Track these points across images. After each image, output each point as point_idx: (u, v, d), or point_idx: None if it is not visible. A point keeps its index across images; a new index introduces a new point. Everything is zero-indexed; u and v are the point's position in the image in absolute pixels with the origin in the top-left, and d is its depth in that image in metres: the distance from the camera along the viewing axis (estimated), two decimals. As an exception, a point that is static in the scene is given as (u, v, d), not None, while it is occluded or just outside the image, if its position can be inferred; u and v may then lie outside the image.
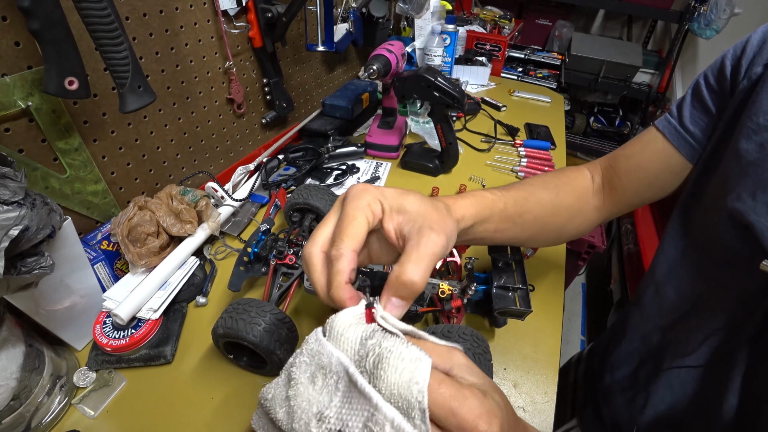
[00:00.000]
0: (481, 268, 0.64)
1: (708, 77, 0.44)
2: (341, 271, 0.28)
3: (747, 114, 0.38)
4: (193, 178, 0.78)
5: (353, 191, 0.31)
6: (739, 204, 0.36)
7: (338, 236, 0.29)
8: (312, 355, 0.28)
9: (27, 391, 0.44)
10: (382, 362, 0.25)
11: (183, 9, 0.66)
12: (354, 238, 0.29)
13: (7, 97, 0.46)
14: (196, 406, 0.49)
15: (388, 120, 1.01)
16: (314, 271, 0.31)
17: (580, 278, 2.00)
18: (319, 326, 0.29)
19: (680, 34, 1.88)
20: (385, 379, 0.24)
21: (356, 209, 0.30)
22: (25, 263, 0.39)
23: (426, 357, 0.25)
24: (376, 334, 0.27)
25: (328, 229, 0.31)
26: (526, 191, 0.46)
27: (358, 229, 0.29)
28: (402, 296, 0.28)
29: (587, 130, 2.35)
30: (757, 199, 0.35)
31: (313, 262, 0.31)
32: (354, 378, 0.25)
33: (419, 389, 0.23)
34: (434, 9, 1.31)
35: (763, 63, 0.39)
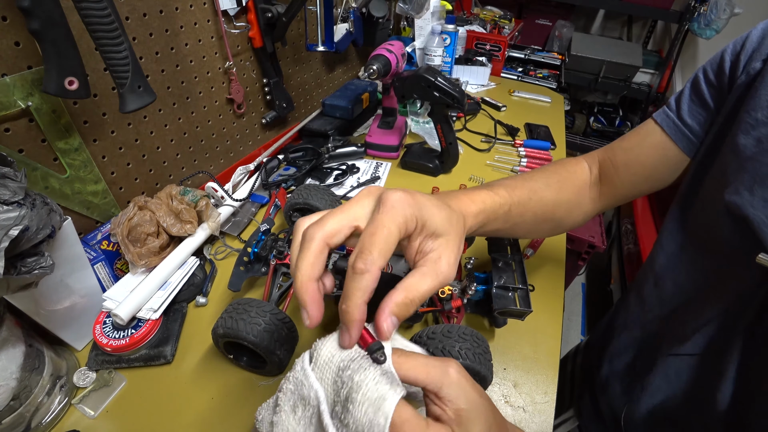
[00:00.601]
0: (481, 268, 0.64)
1: (707, 72, 0.45)
2: (364, 289, 0.26)
3: (745, 109, 0.38)
4: (193, 178, 0.79)
5: (394, 199, 0.28)
6: (737, 198, 0.37)
7: (369, 247, 0.26)
8: (296, 384, 0.28)
9: (27, 391, 0.44)
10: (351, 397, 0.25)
11: (183, 9, 0.66)
12: (384, 255, 0.27)
13: (7, 97, 0.46)
14: (196, 406, 0.49)
15: (388, 120, 1.01)
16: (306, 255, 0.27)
17: (580, 278, 2.00)
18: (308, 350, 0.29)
19: (680, 34, 1.87)
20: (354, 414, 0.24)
21: (393, 222, 0.27)
22: (25, 263, 0.39)
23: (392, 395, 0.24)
24: (352, 365, 0.26)
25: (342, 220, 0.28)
26: (530, 190, 0.46)
27: (389, 246, 0.27)
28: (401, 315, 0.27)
29: (587, 130, 2.35)
30: (754, 194, 0.36)
31: (309, 247, 0.28)
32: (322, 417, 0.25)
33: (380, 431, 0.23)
34: (434, 9, 1.31)
35: (762, 58, 0.39)
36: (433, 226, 0.29)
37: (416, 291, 0.27)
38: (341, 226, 0.28)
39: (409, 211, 0.28)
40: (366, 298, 0.26)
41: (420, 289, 0.28)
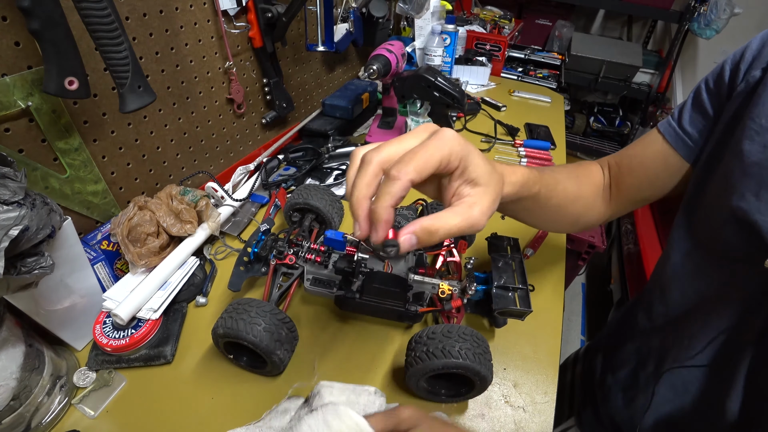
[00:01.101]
0: (481, 268, 0.64)
1: (708, 81, 0.46)
2: (393, 194, 0.28)
3: (750, 116, 0.39)
4: (193, 178, 0.79)
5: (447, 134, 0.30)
6: (743, 203, 0.37)
7: (407, 160, 0.28)
8: None
9: (27, 391, 0.44)
10: None
11: (183, 9, 0.66)
12: (419, 171, 0.28)
13: (7, 97, 0.46)
14: (196, 406, 0.49)
15: (388, 120, 1.01)
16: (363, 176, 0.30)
17: (580, 278, 2.00)
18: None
19: (680, 34, 1.87)
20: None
21: (437, 150, 0.29)
22: (25, 263, 0.39)
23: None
24: None
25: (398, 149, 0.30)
26: (555, 178, 0.47)
27: (426, 167, 0.29)
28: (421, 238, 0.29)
29: (587, 130, 2.35)
30: (761, 199, 0.36)
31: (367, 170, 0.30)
32: None
33: None
34: (434, 9, 1.31)
35: (762, 66, 0.40)
36: (474, 173, 0.31)
37: (444, 222, 0.29)
38: (396, 153, 0.30)
39: (457, 148, 0.30)
40: (393, 202, 0.29)
41: (448, 222, 0.29)
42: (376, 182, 0.30)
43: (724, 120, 0.43)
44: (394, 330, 0.59)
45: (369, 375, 0.54)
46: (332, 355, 0.56)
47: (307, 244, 0.58)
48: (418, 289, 0.55)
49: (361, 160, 0.31)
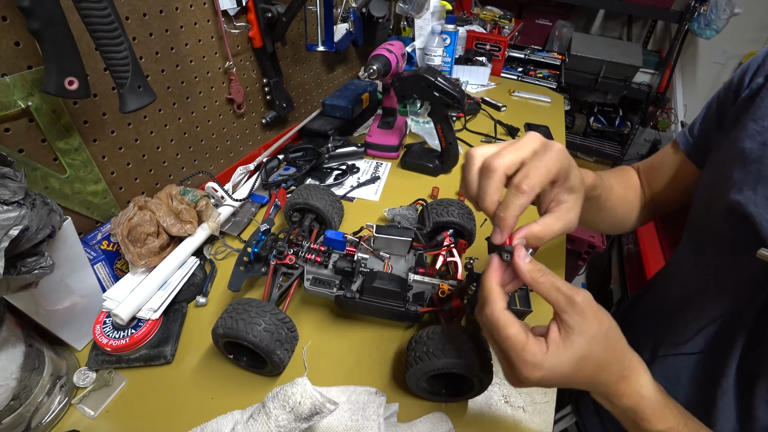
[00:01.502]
0: (481, 268, 0.64)
1: (720, 92, 0.50)
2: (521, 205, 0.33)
3: (752, 118, 0.41)
4: (193, 178, 0.79)
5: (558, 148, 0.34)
6: (740, 197, 0.39)
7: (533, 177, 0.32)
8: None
9: (27, 391, 0.44)
10: None
11: (183, 9, 0.66)
12: (541, 185, 0.33)
13: (7, 97, 0.46)
14: (196, 406, 0.49)
15: (388, 120, 1.01)
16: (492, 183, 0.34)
17: (580, 278, 2.00)
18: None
19: (680, 34, 1.88)
20: None
21: (554, 165, 0.33)
22: (25, 263, 0.39)
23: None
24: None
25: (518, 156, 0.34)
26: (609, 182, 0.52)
27: (546, 181, 0.33)
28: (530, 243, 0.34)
29: (587, 130, 2.35)
30: (757, 193, 0.38)
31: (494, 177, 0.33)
32: None
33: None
34: (434, 9, 1.31)
35: (765, 74, 0.43)
36: (572, 182, 0.35)
37: (549, 228, 0.34)
38: (515, 161, 0.34)
39: (566, 162, 0.34)
40: (519, 212, 0.33)
41: (553, 227, 0.34)
42: (502, 188, 0.34)
43: (728, 123, 0.46)
44: (394, 330, 0.59)
45: (369, 375, 0.54)
46: (332, 355, 0.56)
47: (307, 244, 0.58)
48: (418, 289, 0.55)
49: (483, 164, 0.34)
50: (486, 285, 0.34)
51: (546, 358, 0.31)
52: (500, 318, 0.32)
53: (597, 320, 0.32)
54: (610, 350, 0.33)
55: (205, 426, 0.45)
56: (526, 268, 0.33)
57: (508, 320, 0.32)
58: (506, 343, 0.32)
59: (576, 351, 0.31)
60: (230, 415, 0.45)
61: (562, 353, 0.31)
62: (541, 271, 0.33)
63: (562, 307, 0.32)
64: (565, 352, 0.31)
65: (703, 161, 0.51)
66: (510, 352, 0.32)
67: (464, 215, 0.66)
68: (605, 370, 0.33)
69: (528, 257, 0.34)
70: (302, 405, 0.38)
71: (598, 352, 0.32)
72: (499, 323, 0.32)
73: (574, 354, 0.31)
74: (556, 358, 0.31)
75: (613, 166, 2.34)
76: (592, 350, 0.32)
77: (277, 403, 0.39)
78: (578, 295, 0.32)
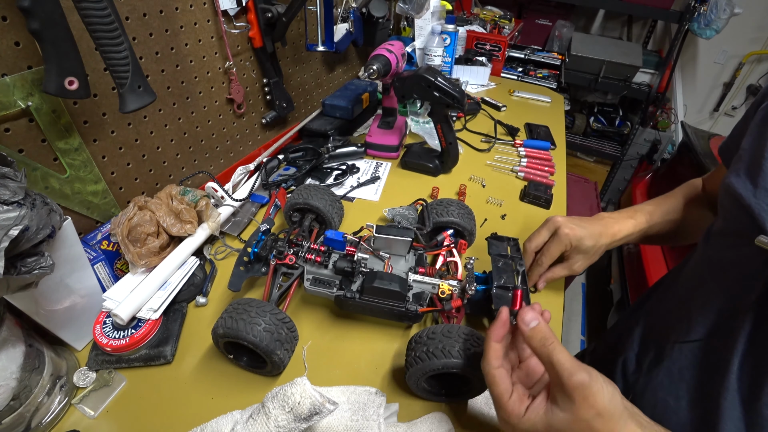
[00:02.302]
0: (481, 268, 0.64)
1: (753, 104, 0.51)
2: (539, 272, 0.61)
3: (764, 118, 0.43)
4: (193, 178, 0.79)
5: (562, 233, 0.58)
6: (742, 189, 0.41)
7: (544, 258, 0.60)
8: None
9: (27, 391, 0.44)
10: None
11: (183, 9, 0.66)
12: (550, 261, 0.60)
13: (7, 97, 0.46)
14: (196, 406, 0.49)
15: (388, 120, 1.01)
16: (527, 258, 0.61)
17: (580, 278, 2.00)
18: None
19: (680, 34, 1.87)
20: None
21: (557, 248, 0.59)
22: (25, 263, 0.39)
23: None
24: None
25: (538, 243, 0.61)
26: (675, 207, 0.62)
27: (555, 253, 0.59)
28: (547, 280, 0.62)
29: (587, 130, 2.35)
30: (757, 185, 0.40)
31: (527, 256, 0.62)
32: None
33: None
34: (434, 9, 1.31)
35: None
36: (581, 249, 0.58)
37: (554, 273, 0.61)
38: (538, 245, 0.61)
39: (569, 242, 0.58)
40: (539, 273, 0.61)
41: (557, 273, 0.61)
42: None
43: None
44: (394, 330, 0.59)
45: (369, 375, 0.54)
46: (332, 355, 0.56)
47: (307, 244, 0.58)
48: (418, 289, 0.55)
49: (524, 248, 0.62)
50: (486, 341, 0.39)
51: (520, 421, 0.35)
52: (489, 375, 0.37)
53: (586, 405, 0.32)
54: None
55: (205, 426, 0.45)
56: (527, 334, 0.36)
57: (495, 380, 0.37)
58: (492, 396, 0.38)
59: (553, 424, 0.33)
60: (230, 415, 0.45)
61: (539, 421, 0.34)
62: (542, 342, 0.35)
63: (554, 382, 0.34)
64: (542, 419, 0.34)
65: None
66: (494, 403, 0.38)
67: (464, 215, 0.66)
68: None
69: (535, 321, 0.36)
70: (302, 405, 0.38)
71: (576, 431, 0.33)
72: (489, 380, 0.37)
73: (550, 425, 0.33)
74: (531, 423, 0.34)
75: (613, 166, 2.34)
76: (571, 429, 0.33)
77: (276, 403, 0.39)
78: (570, 379, 0.32)
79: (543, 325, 0.36)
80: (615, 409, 0.32)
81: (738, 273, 0.43)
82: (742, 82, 2.17)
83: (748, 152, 0.43)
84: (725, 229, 0.47)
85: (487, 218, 0.80)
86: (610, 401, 0.32)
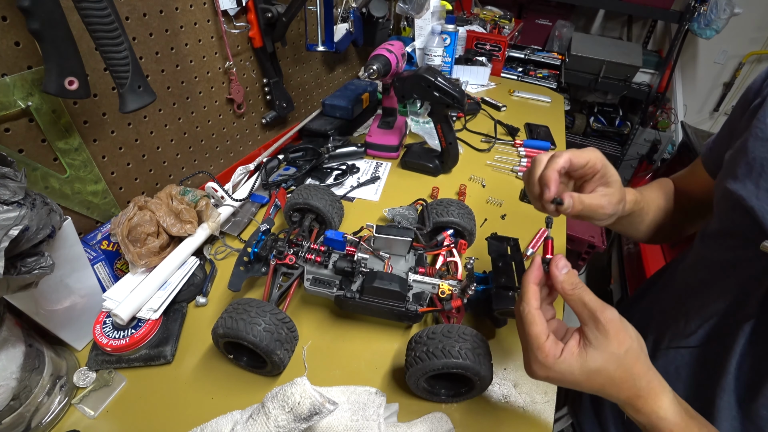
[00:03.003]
0: (481, 268, 0.64)
1: (736, 107, 0.51)
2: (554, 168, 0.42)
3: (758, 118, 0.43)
4: (193, 178, 0.79)
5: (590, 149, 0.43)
6: (743, 191, 0.40)
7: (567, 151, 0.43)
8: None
9: (27, 391, 0.44)
10: None
11: (183, 9, 0.66)
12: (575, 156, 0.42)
13: (7, 97, 0.46)
14: (196, 406, 0.49)
15: (388, 120, 1.01)
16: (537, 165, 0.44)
17: (581, 278, 2.01)
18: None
19: (680, 34, 1.87)
20: None
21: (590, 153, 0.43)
22: (25, 263, 0.39)
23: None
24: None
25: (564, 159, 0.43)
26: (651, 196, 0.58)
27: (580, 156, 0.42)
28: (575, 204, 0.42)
29: (587, 130, 2.35)
30: (759, 187, 0.39)
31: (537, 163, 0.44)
32: None
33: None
34: (434, 9, 1.31)
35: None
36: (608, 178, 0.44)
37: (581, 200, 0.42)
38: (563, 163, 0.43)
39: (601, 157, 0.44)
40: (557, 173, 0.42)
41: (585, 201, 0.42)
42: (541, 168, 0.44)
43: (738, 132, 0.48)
44: (394, 330, 0.59)
45: (369, 375, 0.54)
46: (332, 355, 0.56)
47: (307, 244, 0.58)
48: (418, 289, 0.55)
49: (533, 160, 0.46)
50: (523, 283, 0.39)
51: (556, 362, 0.35)
52: (527, 315, 0.37)
53: (617, 340, 0.34)
54: (625, 370, 0.34)
55: (205, 426, 0.45)
56: (560, 278, 0.37)
57: (534, 319, 0.36)
58: (528, 338, 0.36)
59: (588, 364, 0.34)
60: (230, 415, 0.45)
61: (574, 362, 0.34)
62: (572, 285, 0.36)
63: (585, 322, 0.35)
64: (578, 361, 0.34)
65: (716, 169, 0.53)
66: (528, 347, 0.36)
67: (464, 215, 0.66)
68: (616, 387, 0.35)
69: (566, 268, 0.37)
70: (301, 405, 0.38)
71: (611, 369, 0.34)
72: (527, 320, 0.36)
73: (586, 366, 0.34)
74: (567, 365, 0.34)
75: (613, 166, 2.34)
76: (606, 366, 0.34)
77: (276, 404, 0.39)
78: (603, 313, 0.34)
79: (573, 271, 0.38)
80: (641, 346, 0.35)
81: (738, 275, 0.43)
82: (742, 82, 2.17)
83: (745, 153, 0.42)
84: (722, 231, 0.46)
85: (487, 218, 0.80)
86: (637, 338, 0.35)
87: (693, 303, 0.48)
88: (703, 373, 0.46)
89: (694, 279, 0.51)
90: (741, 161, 0.43)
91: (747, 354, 0.41)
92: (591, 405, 0.64)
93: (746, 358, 0.41)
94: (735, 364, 0.41)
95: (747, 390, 0.41)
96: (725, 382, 0.42)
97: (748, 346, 0.41)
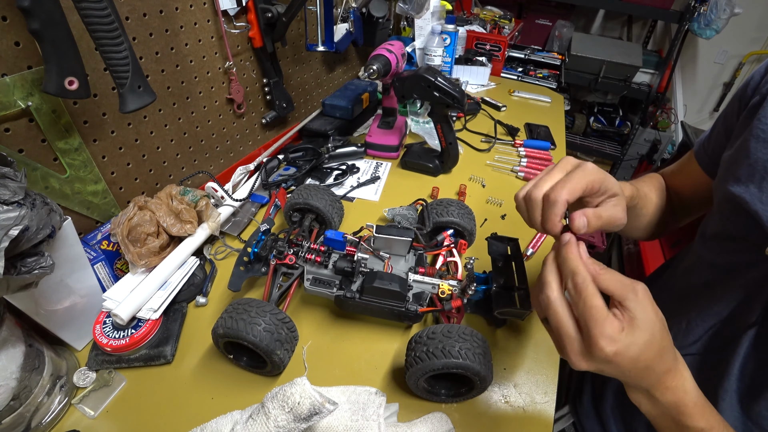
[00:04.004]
0: (481, 268, 0.64)
1: (732, 100, 0.50)
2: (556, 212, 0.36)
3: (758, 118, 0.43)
4: (193, 178, 0.79)
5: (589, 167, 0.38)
6: (747, 195, 0.40)
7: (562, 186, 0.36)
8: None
9: (27, 391, 0.44)
10: None
11: (183, 9, 0.66)
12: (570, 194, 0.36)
13: (7, 97, 0.46)
14: (196, 406, 0.49)
15: (388, 120, 1.01)
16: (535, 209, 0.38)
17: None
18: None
19: (680, 34, 1.87)
20: None
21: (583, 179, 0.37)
22: (25, 263, 0.39)
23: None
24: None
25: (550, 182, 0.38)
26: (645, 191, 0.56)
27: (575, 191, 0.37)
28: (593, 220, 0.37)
29: (587, 130, 2.35)
30: (763, 190, 0.39)
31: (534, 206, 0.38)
32: None
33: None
34: (434, 9, 1.31)
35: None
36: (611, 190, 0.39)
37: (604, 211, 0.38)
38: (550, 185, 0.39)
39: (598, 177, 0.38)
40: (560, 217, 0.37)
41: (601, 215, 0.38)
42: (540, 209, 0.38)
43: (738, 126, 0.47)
44: (394, 330, 0.59)
45: (369, 375, 0.54)
46: (332, 355, 0.56)
47: (307, 244, 0.58)
48: (418, 289, 0.55)
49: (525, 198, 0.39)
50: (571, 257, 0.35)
51: (623, 334, 0.31)
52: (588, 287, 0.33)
53: (653, 309, 0.33)
54: (664, 337, 0.33)
55: (205, 426, 0.45)
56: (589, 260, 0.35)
57: (596, 291, 0.33)
58: (590, 312, 0.32)
59: (643, 334, 0.32)
60: (230, 415, 0.45)
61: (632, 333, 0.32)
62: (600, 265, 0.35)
63: (626, 295, 0.33)
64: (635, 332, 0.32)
65: (710, 166, 0.54)
66: (591, 321, 0.32)
67: (464, 215, 0.66)
68: (661, 358, 0.33)
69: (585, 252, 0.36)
70: (301, 405, 0.38)
71: (658, 338, 0.33)
72: (588, 291, 0.33)
73: (641, 336, 0.32)
74: (631, 336, 0.32)
75: (613, 166, 2.34)
76: (654, 335, 0.32)
77: (276, 404, 0.39)
78: (637, 284, 0.33)
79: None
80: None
81: (741, 279, 0.43)
82: (742, 82, 2.17)
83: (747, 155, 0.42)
84: (724, 234, 0.46)
85: (487, 218, 0.80)
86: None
87: (695, 305, 0.48)
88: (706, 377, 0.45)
89: (695, 280, 0.51)
90: (742, 163, 0.42)
91: (750, 357, 0.41)
92: (592, 404, 0.64)
93: (749, 361, 0.41)
94: (738, 367, 0.41)
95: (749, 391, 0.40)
96: (728, 384, 0.41)
97: (751, 350, 0.41)
